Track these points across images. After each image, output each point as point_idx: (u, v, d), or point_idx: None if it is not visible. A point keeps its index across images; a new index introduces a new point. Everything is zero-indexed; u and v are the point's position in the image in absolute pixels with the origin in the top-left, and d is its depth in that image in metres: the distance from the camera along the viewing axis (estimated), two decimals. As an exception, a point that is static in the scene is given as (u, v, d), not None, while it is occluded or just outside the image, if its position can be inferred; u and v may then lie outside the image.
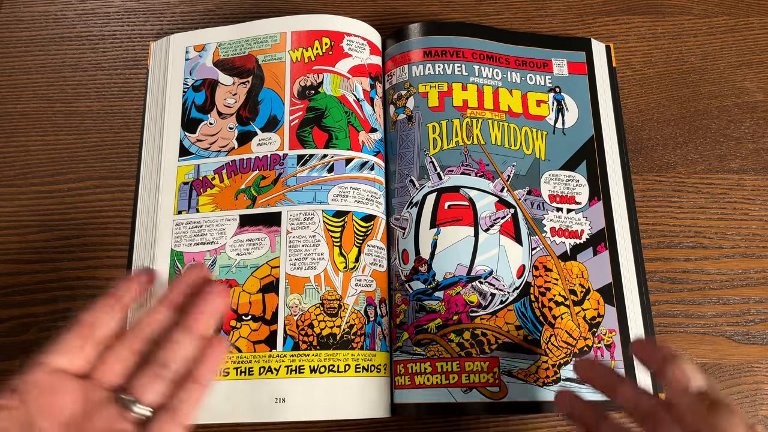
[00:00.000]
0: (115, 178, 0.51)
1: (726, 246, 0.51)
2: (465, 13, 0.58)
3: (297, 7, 0.58)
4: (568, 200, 0.49)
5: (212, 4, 0.58)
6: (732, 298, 0.49)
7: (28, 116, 0.53)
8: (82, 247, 0.49)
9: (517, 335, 0.45)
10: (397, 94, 0.51)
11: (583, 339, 0.46)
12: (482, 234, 0.47)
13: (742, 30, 0.58)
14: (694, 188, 0.52)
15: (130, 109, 0.53)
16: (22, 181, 0.51)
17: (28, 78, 0.54)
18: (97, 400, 0.31)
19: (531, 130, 0.51)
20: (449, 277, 0.46)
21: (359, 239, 0.46)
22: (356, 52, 0.51)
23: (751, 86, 0.56)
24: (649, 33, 0.58)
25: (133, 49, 0.56)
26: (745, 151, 0.54)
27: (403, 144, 0.50)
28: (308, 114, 0.49)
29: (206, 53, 0.53)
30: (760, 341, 0.48)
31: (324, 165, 0.47)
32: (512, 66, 0.53)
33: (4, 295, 0.48)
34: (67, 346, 0.31)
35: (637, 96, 0.55)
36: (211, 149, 0.50)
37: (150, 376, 0.32)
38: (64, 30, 0.56)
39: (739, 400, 0.46)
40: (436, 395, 0.43)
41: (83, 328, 0.32)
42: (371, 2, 0.58)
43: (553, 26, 0.58)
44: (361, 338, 0.44)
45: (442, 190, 0.48)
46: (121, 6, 0.57)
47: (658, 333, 0.48)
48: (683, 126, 0.54)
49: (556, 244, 0.48)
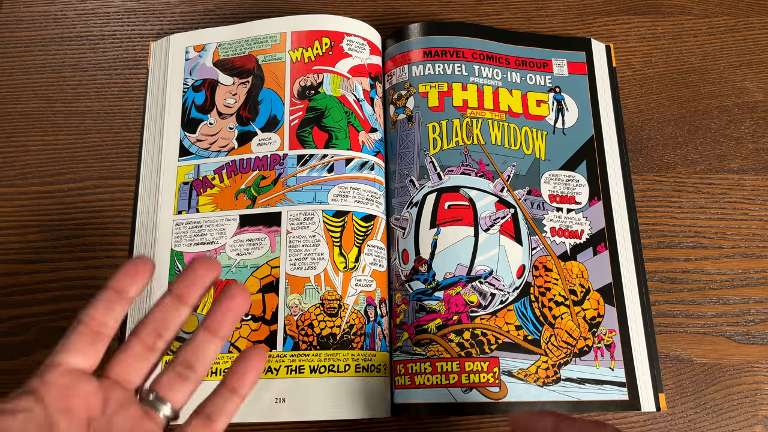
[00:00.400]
0: (115, 178, 0.51)
1: (726, 246, 0.51)
2: (465, 13, 0.58)
3: (297, 7, 0.58)
4: (568, 200, 0.49)
5: (212, 4, 0.58)
6: (732, 298, 0.49)
7: (28, 116, 0.53)
8: (82, 247, 0.49)
9: (517, 335, 0.45)
10: (397, 94, 0.51)
11: (583, 339, 0.46)
12: (482, 234, 0.47)
13: (742, 30, 0.58)
14: (694, 188, 0.52)
15: (130, 109, 0.53)
16: (22, 181, 0.51)
17: (28, 78, 0.54)
18: (118, 399, 0.30)
19: (531, 130, 0.51)
20: (449, 277, 0.46)
21: (359, 239, 0.46)
22: (356, 52, 0.51)
23: (751, 86, 0.56)
24: (649, 33, 0.58)
25: (133, 49, 0.56)
26: (745, 151, 0.54)
27: (403, 144, 0.50)
28: (308, 114, 0.49)
29: (206, 53, 0.53)
30: (760, 341, 0.48)
31: (324, 165, 0.47)
32: (512, 66, 0.53)
33: (4, 295, 0.48)
34: (75, 345, 0.30)
35: (637, 96, 0.55)
36: (211, 149, 0.50)
37: (174, 377, 0.31)
38: (64, 30, 0.56)
39: (739, 400, 0.46)
40: (436, 395, 0.43)
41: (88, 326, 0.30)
42: (371, 2, 0.58)
43: (553, 26, 0.58)
44: (361, 338, 0.44)
45: (442, 190, 0.48)
46: (121, 6, 0.57)
47: (658, 333, 0.48)
48: (683, 126, 0.54)
49: (556, 244, 0.48)
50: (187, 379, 0.31)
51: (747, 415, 0.46)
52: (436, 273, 0.46)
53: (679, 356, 0.47)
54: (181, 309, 0.32)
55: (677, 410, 0.46)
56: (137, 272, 0.31)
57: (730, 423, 0.46)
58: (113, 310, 0.31)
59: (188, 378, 0.31)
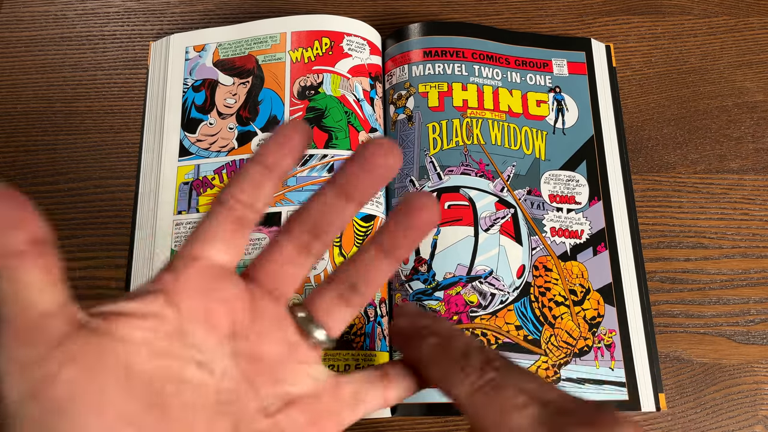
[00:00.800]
0: (115, 178, 0.51)
1: (726, 246, 0.51)
2: (465, 13, 0.58)
3: (297, 7, 0.58)
4: (568, 200, 0.49)
5: (212, 4, 0.58)
6: (732, 298, 0.49)
7: (28, 116, 0.53)
8: (82, 247, 0.49)
9: (517, 335, 0.45)
10: (397, 94, 0.51)
11: (583, 339, 0.46)
12: (482, 234, 0.47)
13: (742, 30, 0.58)
14: (694, 188, 0.52)
15: (130, 109, 0.53)
16: (22, 181, 0.51)
17: (28, 78, 0.54)
18: (269, 313, 0.24)
19: (531, 130, 0.51)
20: (449, 277, 0.46)
21: (359, 239, 0.46)
22: (356, 52, 0.51)
23: (751, 86, 0.56)
24: (649, 33, 0.58)
25: (133, 49, 0.56)
26: (745, 151, 0.54)
27: (403, 144, 0.50)
28: (308, 114, 0.49)
29: (206, 53, 0.53)
30: (760, 341, 0.48)
31: (324, 165, 0.47)
32: (512, 66, 0.53)
33: (4, 295, 0.48)
34: (218, 233, 0.23)
35: (637, 96, 0.55)
36: (211, 149, 0.50)
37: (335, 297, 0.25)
38: (64, 30, 0.56)
39: (739, 400, 0.46)
40: (436, 395, 0.43)
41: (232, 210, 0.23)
42: (371, 2, 0.58)
43: (553, 26, 0.58)
44: (361, 338, 0.44)
45: (442, 190, 0.48)
46: (121, 6, 0.57)
47: (658, 333, 0.48)
48: (683, 126, 0.54)
49: (556, 244, 0.48)
50: (351, 305, 0.25)
51: (747, 415, 0.46)
52: (436, 273, 0.46)
53: (679, 356, 0.47)
54: (347, 204, 0.24)
55: (677, 410, 0.46)
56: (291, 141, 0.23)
57: (730, 423, 0.46)
58: (262, 189, 0.24)
59: (352, 304, 0.25)
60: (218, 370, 0.22)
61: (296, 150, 0.23)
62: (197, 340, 0.21)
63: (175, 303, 0.22)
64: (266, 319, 0.24)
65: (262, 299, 0.24)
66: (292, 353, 0.24)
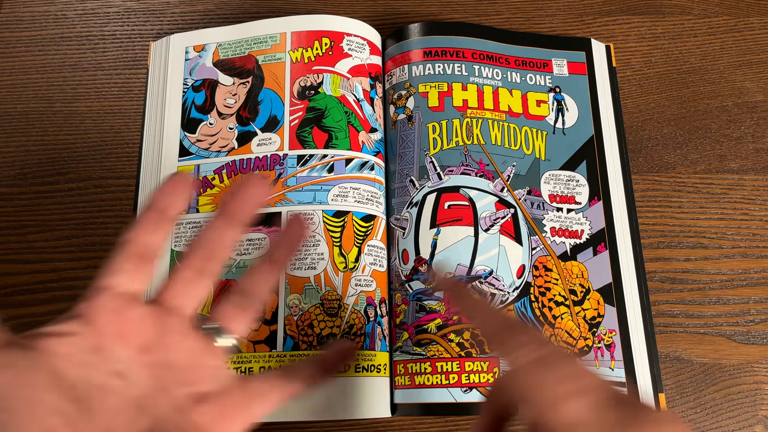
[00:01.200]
0: (115, 178, 0.51)
1: (726, 246, 0.51)
2: (465, 13, 0.58)
3: (297, 7, 0.58)
4: (568, 200, 0.49)
5: (212, 4, 0.58)
6: (732, 298, 0.49)
7: (28, 116, 0.53)
8: (82, 247, 0.49)
9: (517, 335, 0.45)
10: (397, 94, 0.51)
11: (583, 339, 0.46)
12: (482, 234, 0.47)
13: (742, 30, 0.58)
14: (694, 188, 0.52)
15: (130, 109, 0.53)
16: (22, 181, 0.51)
17: (28, 78, 0.54)
18: (174, 326, 0.27)
19: (531, 130, 0.51)
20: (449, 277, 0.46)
21: (359, 239, 0.46)
22: (356, 52, 0.51)
23: (751, 86, 0.56)
24: (649, 33, 0.58)
25: (133, 49, 0.56)
26: (745, 151, 0.54)
27: (403, 144, 0.50)
28: (308, 114, 0.49)
29: (206, 53, 0.53)
30: (760, 341, 0.48)
31: (324, 165, 0.47)
32: (512, 66, 0.53)
33: (4, 295, 0.48)
34: (123, 267, 0.27)
35: (637, 96, 0.55)
36: (211, 149, 0.50)
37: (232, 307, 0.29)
38: (64, 30, 0.56)
39: (739, 400, 0.46)
40: (436, 395, 0.43)
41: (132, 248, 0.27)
42: (371, 2, 0.58)
43: (553, 26, 0.58)
44: (361, 338, 0.44)
45: (442, 190, 0.48)
46: (121, 6, 0.57)
47: (658, 333, 0.48)
48: (683, 126, 0.54)
49: (556, 244, 0.48)
50: (246, 310, 0.29)
51: (747, 415, 0.46)
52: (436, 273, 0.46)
53: (679, 356, 0.47)
54: (231, 230, 0.29)
55: (677, 410, 0.46)
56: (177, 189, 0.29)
57: (730, 423, 0.46)
58: (157, 231, 0.28)
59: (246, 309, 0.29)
60: (134, 378, 0.26)
61: (183, 198, 0.29)
62: (114, 353, 0.26)
63: (90, 323, 0.26)
64: (174, 333, 0.27)
65: (169, 317, 0.28)
66: (200, 359, 0.28)
